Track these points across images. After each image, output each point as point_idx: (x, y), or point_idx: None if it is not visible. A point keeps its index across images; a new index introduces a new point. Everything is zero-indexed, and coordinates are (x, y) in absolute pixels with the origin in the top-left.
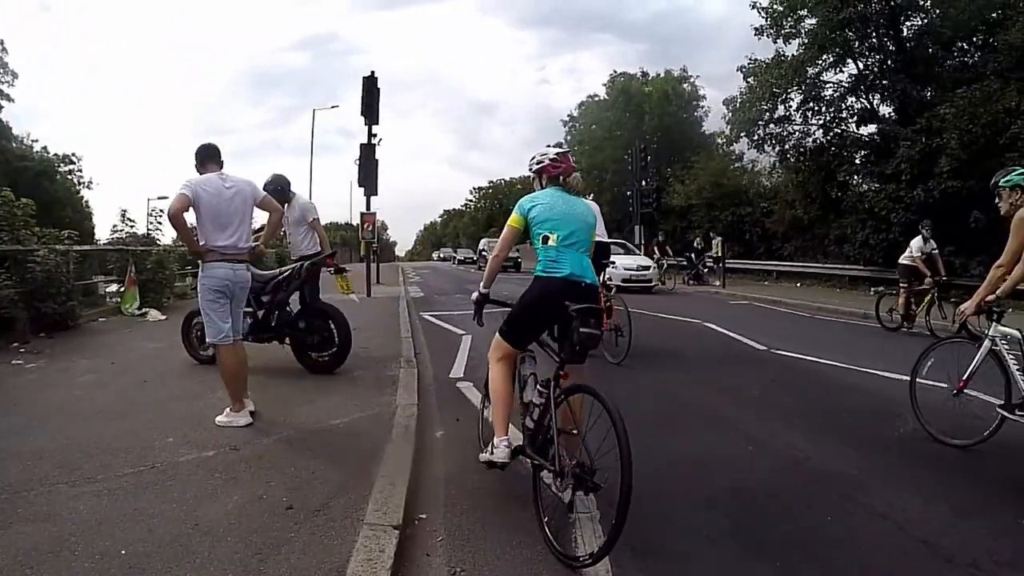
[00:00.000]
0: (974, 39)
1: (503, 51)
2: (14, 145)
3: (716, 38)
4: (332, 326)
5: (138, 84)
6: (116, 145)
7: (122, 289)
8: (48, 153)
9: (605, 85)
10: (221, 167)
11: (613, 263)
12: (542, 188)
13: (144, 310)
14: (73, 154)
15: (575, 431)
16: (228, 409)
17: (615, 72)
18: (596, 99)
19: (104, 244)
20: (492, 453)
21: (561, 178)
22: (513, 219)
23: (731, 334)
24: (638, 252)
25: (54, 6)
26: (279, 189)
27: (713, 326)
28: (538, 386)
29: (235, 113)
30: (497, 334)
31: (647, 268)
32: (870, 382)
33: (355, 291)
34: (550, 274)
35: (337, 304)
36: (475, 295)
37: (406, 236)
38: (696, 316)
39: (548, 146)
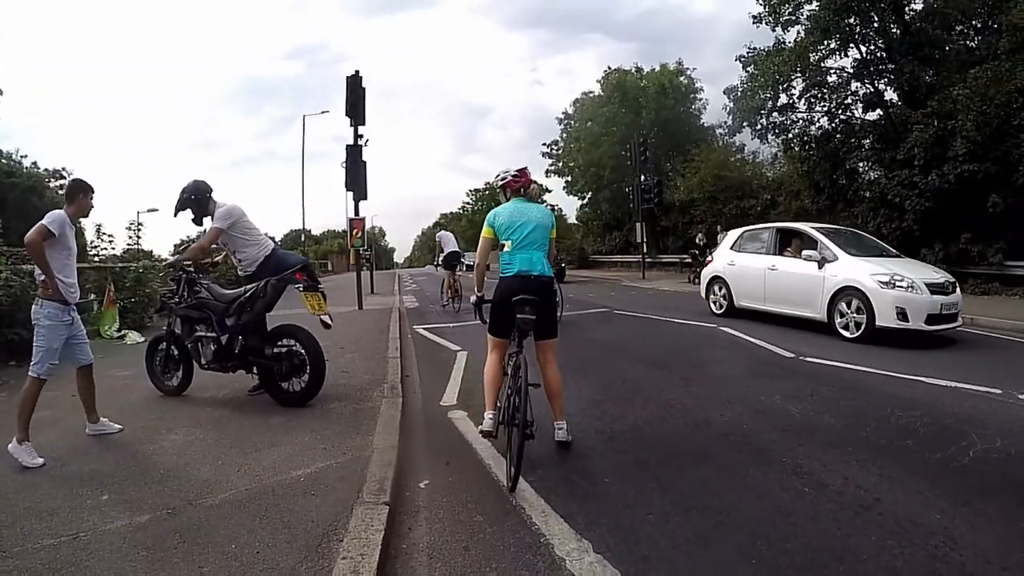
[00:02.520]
0: (974, 22)
1: (495, 54)
2: (2, 161)
3: (706, 34)
4: (302, 352)
5: (132, 100)
6: (111, 160)
7: (101, 310)
8: (38, 168)
9: (599, 81)
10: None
11: (901, 278)
12: (506, 200)
13: (123, 332)
14: (63, 168)
15: (539, 383)
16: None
17: (609, 68)
18: (591, 96)
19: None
20: (484, 423)
21: (522, 190)
22: (485, 231)
23: (753, 340)
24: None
25: (46, 25)
26: (194, 199)
27: (730, 330)
28: (509, 361)
29: (230, 124)
30: (487, 332)
31: (954, 286)
32: (919, 392)
33: (328, 312)
34: (505, 273)
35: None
36: (473, 299)
37: (405, 242)
38: (709, 320)
39: (487, 184)
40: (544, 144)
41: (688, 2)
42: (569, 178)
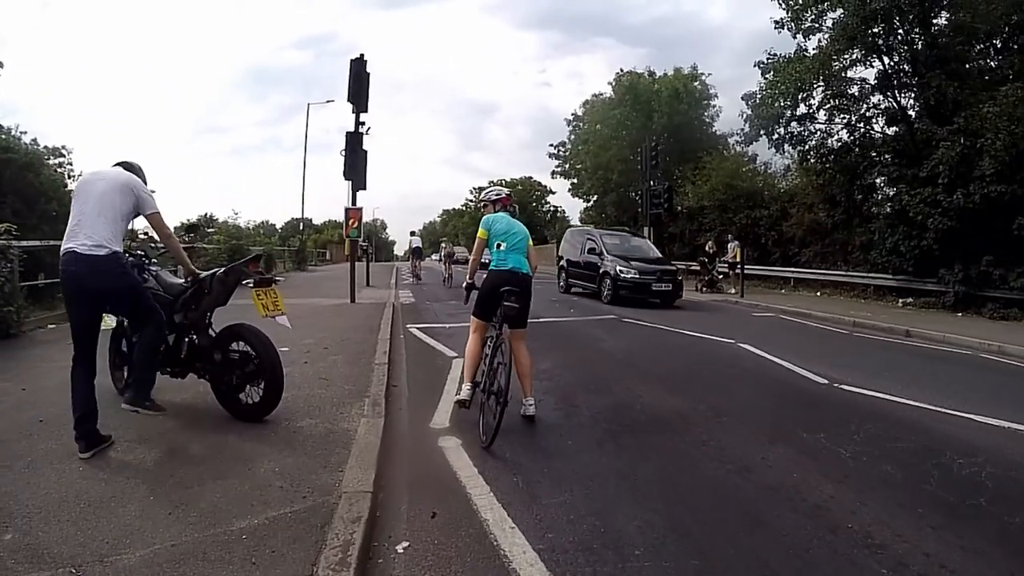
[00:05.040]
0: (995, 41)
1: (504, 53)
2: (1, 136)
3: (718, 43)
4: (254, 357)
5: (139, 82)
6: (116, 140)
7: None
8: (38, 146)
9: (611, 83)
10: None
11: None
12: (495, 212)
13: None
14: (63, 146)
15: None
16: None
17: (621, 71)
18: (602, 97)
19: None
20: (460, 393)
21: (507, 207)
22: (481, 232)
23: (778, 361)
24: None
25: (54, 2)
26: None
27: (751, 348)
28: (488, 343)
29: (235, 110)
30: (472, 315)
31: None
32: (974, 433)
33: (285, 311)
34: (500, 267)
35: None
36: (465, 283)
37: (406, 235)
38: (725, 334)
39: (491, 182)
40: (551, 145)
41: (701, 9)
42: (575, 180)
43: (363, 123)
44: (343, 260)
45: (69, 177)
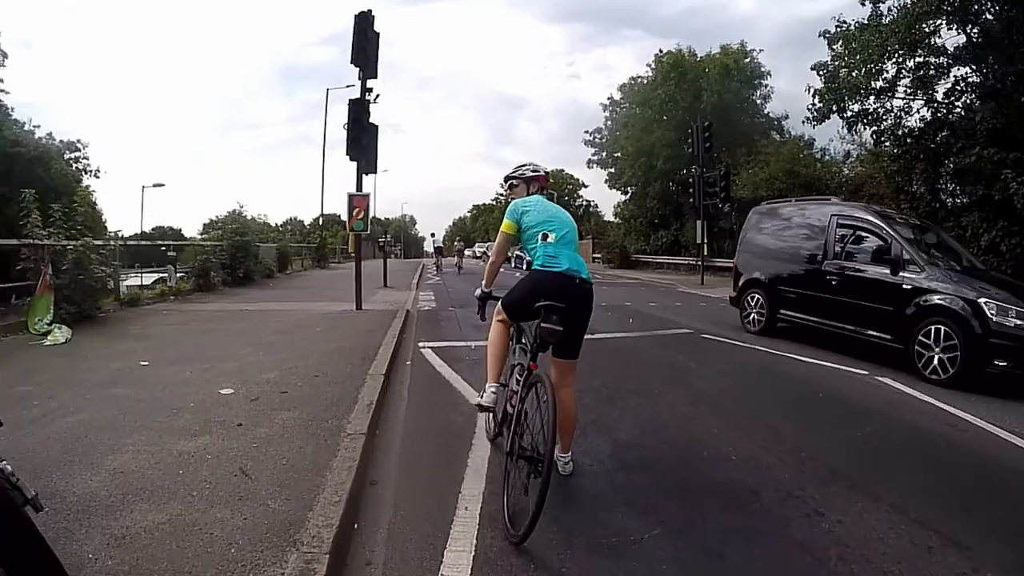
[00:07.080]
0: None
1: (532, 46)
2: (14, 129)
3: (747, 34)
4: None
5: (163, 77)
6: (141, 136)
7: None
8: (54, 140)
9: (649, 65)
10: None
11: None
12: (528, 195)
13: (53, 326)
14: (79, 141)
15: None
16: None
17: (660, 51)
18: (640, 80)
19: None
20: (482, 397)
21: (544, 189)
22: (506, 225)
23: (954, 411)
24: None
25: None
26: None
27: (895, 384)
28: (516, 374)
29: (264, 107)
30: (499, 303)
31: None
32: None
33: None
34: (549, 267)
35: None
36: (478, 292)
37: (436, 231)
38: (843, 359)
39: (524, 165)
40: (587, 132)
41: (730, 0)
42: (613, 169)
43: (370, 90)
44: (371, 256)
45: (84, 172)
